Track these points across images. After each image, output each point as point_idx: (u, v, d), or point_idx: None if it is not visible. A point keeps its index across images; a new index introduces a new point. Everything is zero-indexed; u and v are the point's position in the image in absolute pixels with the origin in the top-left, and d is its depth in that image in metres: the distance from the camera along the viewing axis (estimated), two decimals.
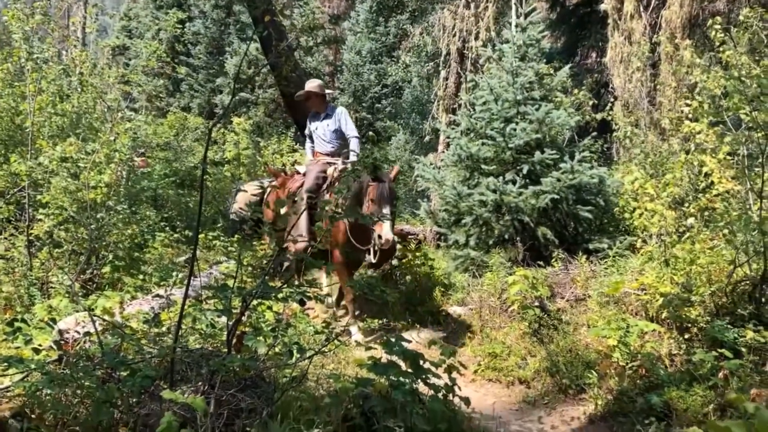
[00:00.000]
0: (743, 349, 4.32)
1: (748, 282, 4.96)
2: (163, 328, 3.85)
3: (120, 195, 6.54)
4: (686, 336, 4.70)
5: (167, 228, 7.65)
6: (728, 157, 6.01)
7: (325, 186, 6.37)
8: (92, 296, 5.09)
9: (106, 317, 3.63)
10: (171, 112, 17.54)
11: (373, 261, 5.75)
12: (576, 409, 4.40)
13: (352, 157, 6.45)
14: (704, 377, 4.05)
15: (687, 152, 6.76)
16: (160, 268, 6.25)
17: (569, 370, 4.76)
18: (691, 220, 5.98)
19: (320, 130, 6.89)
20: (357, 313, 6.03)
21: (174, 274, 5.02)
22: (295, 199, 6.40)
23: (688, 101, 6.54)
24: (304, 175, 6.75)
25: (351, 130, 6.75)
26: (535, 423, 4.25)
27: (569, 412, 4.36)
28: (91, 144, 6.38)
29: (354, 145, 6.64)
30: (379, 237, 5.30)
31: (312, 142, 7.14)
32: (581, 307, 5.79)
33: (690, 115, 6.58)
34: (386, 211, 5.37)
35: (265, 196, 7.40)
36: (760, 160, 5.31)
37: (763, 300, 4.76)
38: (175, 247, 7.38)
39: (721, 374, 3.96)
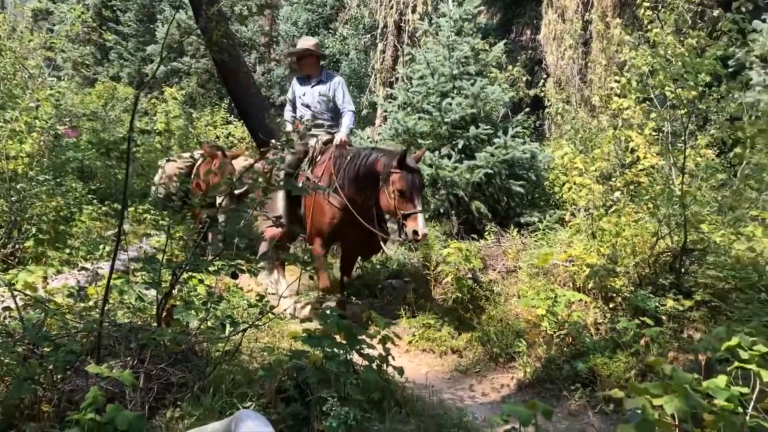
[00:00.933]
0: (663, 317, 4.54)
1: (669, 253, 5.18)
2: (90, 303, 3.73)
3: (43, 165, 6.27)
4: (611, 305, 4.88)
5: (95, 201, 7.39)
6: (653, 133, 6.23)
7: (306, 160, 5.74)
8: (13, 271, 4.88)
9: (28, 292, 3.49)
10: (99, 82, 16.86)
11: (391, 253, 5.52)
12: (506, 377, 4.53)
13: (344, 130, 5.81)
14: (627, 344, 4.24)
15: (615, 128, 6.97)
16: (87, 242, 6.05)
17: (500, 339, 4.88)
18: (617, 194, 6.19)
19: (309, 96, 6.05)
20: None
21: (101, 247, 4.85)
22: (272, 174, 5.70)
23: (617, 78, 6.73)
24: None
25: (348, 103, 6.01)
26: (466, 391, 4.35)
27: (499, 380, 4.48)
28: (9, 111, 6.07)
29: (349, 119, 5.92)
30: (415, 233, 4.73)
31: (294, 110, 6.27)
32: (512, 279, 5.93)
33: (618, 92, 6.77)
34: (419, 204, 4.84)
35: (195, 167, 6.94)
36: (683, 137, 5.54)
37: (682, 270, 4.98)
38: (104, 220, 7.14)
39: (642, 341, 4.15)
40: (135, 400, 2.88)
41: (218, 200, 4.44)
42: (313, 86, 6.04)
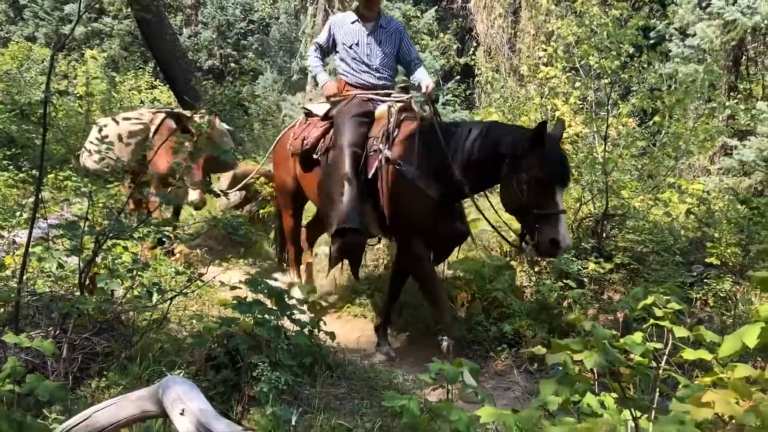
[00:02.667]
0: (585, 280, 4.73)
1: (591, 218, 5.38)
2: (7, 272, 3.58)
3: None
4: (536, 269, 5.04)
5: (11, 167, 7.03)
6: (578, 102, 6.40)
7: (381, 135, 4.12)
8: None
9: None
10: (13, 42, 15.93)
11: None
12: (435, 340, 4.61)
13: (427, 83, 4.34)
14: (551, 306, 4.40)
15: (541, 96, 7.12)
16: (3, 210, 5.76)
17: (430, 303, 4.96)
18: None
19: (363, 47, 4.46)
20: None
21: (17, 214, 4.64)
22: (315, 157, 4.42)
23: (545, 48, 6.85)
24: (325, 118, 4.50)
25: (415, 54, 4.64)
26: (397, 354, 4.42)
27: (429, 343, 4.57)
28: None
29: (422, 74, 4.46)
30: (554, 243, 3.48)
31: (322, 60, 4.67)
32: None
33: (546, 62, 6.91)
34: (560, 202, 3.57)
35: (152, 136, 5.74)
36: (606, 106, 5.71)
37: (604, 235, 5.18)
38: (21, 187, 6.81)
39: (565, 303, 4.31)
40: (58, 371, 2.80)
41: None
42: (371, 32, 4.46)
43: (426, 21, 8.31)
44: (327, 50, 4.65)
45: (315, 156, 4.43)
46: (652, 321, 2.16)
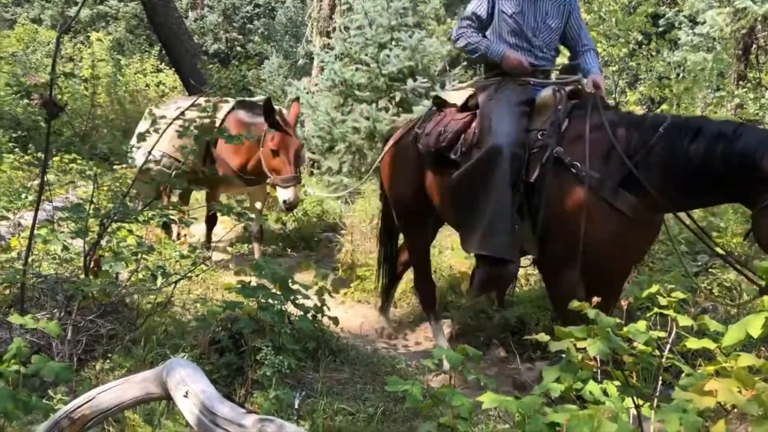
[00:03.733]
0: None
1: None
2: (13, 254, 3.60)
3: None
4: None
5: (17, 149, 7.05)
6: None
7: (550, 129, 3.14)
8: None
9: None
10: (19, 24, 15.91)
11: None
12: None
13: (595, 77, 3.33)
14: None
15: None
16: (9, 192, 5.79)
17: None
18: None
19: (529, 18, 3.50)
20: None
21: (23, 196, 4.65)
22: (453, 157, 3.41)
23: None
24: (465, 107, 3.55)
25: (586, 35, 3.70)
26: (400, 340, 4.44)
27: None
28: None
29: (592, 62, 3.54)
30: None
31: (481, 33, 3.57)
32: (447, 231, 6.00)
33: None
34: None
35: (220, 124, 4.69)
36: (614, 94, 5.67)
37: None
38: (27, 170, 6.83)
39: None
40: (62, 352, 2.83)
41: None
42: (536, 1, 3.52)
43: (433, 6, 8.25)
44: (485, 23, 3.57)
45: (452, 156, 3.42)
46: (656, 310, 2.15)
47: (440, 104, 3.76)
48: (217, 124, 4.55)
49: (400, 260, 4.41)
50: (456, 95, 3.70)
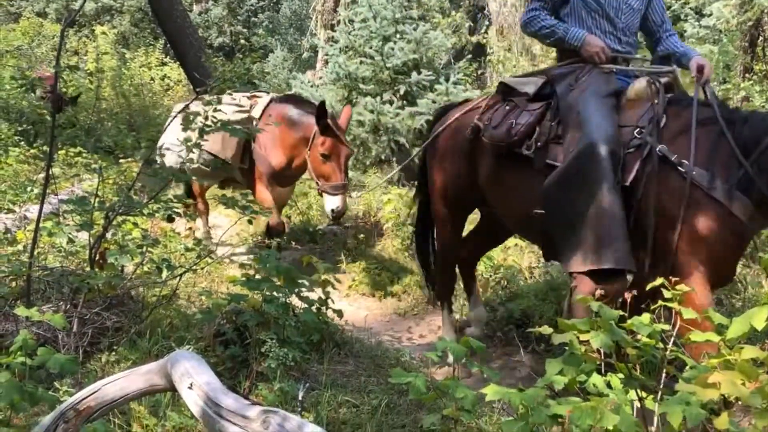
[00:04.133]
0: None
1: None
2: (19, 247, 3.61)
3: None
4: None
5: (22, 143, 7.07)
6: None
7: (649, 124, 2.81)
8: None
9: None
10: (24, 17, 15.93)
11: None
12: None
13: (698, 59, 3.09)
14: (559, 287, 4.39)
15: None
16: (15, 185, 5.81)
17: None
18: None
19: (613, 1, 3.18)
20: None
21: (29, 190, 4.67)
22: (526, 153, 3.08)
23: None
24: (537, 98, 3.17)
25: (668, 18, 3.38)
26: (404, 333, 4.45)
27: (436, 322, 4.57)
28: None
29: (684, 46, 3.30)
30: None
31: (553, 15, 3.30)
32: None
33: None
34: None
35: (258, 117, 4.81)
36: None
37: None
38: (32, 163, 6.86)
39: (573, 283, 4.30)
40: (68, 345, 2.84)
41: None
42: None
43: None
44: (557, 3, 3.28)
45: (525, 152, 3.07)
46: (660, 302, 2.15)
47: (506, 92, 3.34)
48: (255, 120, 4.62)
49: (461, 257, 4.04)
50: (525, 83, 3.29)
